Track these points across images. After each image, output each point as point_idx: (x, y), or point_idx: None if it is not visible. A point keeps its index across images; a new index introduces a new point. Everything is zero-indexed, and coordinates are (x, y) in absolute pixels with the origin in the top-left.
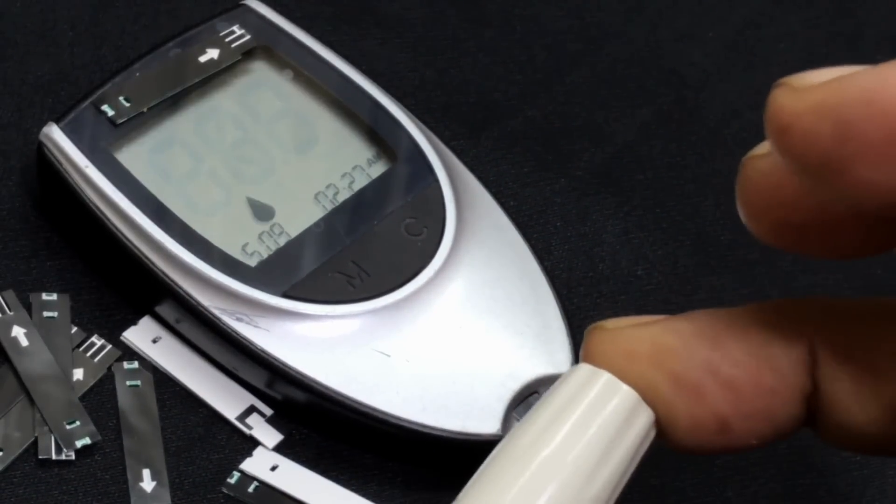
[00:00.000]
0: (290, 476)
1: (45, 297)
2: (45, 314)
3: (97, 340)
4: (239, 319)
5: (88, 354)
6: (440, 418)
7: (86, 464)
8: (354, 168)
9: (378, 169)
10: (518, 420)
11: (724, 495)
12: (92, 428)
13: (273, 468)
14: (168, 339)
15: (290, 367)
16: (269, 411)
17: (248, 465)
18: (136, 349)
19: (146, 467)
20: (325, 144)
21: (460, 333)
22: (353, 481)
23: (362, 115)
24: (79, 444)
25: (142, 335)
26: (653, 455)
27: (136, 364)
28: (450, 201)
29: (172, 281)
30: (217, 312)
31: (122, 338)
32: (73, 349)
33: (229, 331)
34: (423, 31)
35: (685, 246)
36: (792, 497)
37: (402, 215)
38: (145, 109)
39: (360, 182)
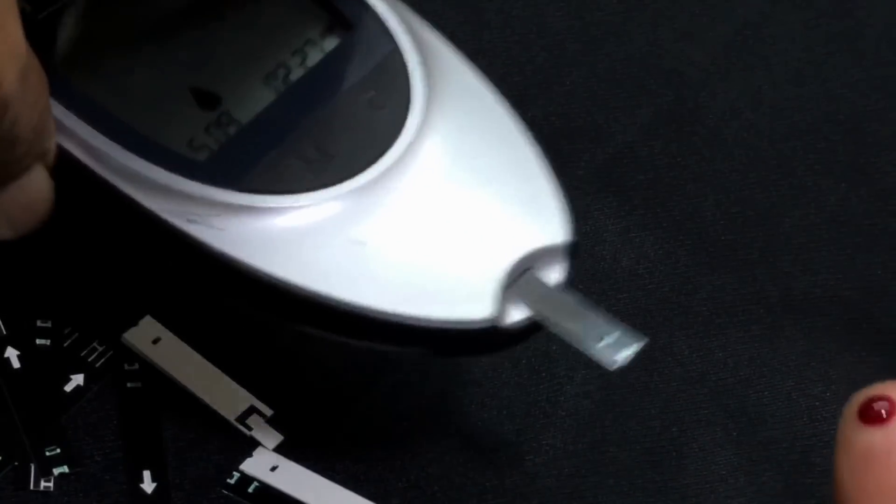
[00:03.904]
0: (290, 476)
1: (39, 324)
2: (38, 342)
3: (97, 343)
4: (191, 221)
5: (89, 358)
6: (427, 307)
7: (86, 465)
8: (306, 43)
9: (332, 41)
10: (514, 300)
11: (726, 493)
12: (72, 454)
13: (273, 468)
14: (169, 340)
15: (255, 269)
16: (269, 412)
17: (248, 466)
18: (136, 350)
19: (146, 468)
20: (270, 18)
21: (441, 211)
22: (353, 481)
23: None
24: (56, 471)
25: (142, 336)
26: (653, 455)
27: (136, 365)
28: (415, 67)
29: (111, 185)
30: (165, 216)
31: (122, 339)
32: (75, 350)
33: (181, 235)
34: None
35: (686, 245)
36: (793, 496)
37: (364, 89)
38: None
39: (314, 58)
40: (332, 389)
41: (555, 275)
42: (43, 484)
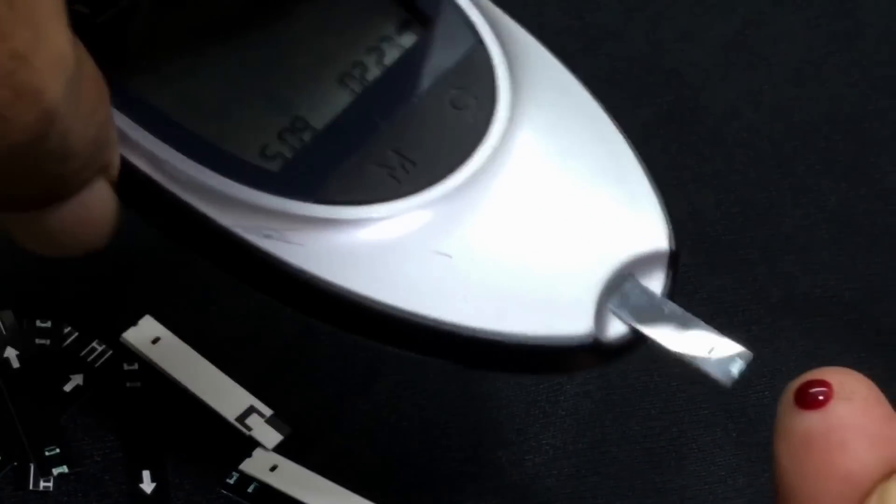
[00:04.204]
0: (290, 476)
1: (39, 324)
2: (38, 342)
3: (97, 343)
4: (267, 237)
5: (89, 358)
6: (521, 323)
7: (86, 465)
8: (382, 39)
9: (410, 37)
10: (614, 313)
11: (725, 494)
12: (71, 454)
13: (272, 468)
14: (168, 340)
15: (338, 286)
16: (268, 412)
17: (248, 466)
18: (135, 350)
19: (146, 468)
20: (343, 15)
21: (533, 218)
22: (353, 481)
23: None
24: (55, 471)
25: (142, 336)
26: (653, 455)
27: (135, 365)
28: (500, 64)
29: (180, 200)
30: (240, 232)
31: (121, 339)
32: (74, 350)
33: (257, 252)
34: None
35: (685, 246)
36: None
37: (446, 87)
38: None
39: (392, 55)
40: (333, 389)
41: (656, 284)
42: (42, 484)
